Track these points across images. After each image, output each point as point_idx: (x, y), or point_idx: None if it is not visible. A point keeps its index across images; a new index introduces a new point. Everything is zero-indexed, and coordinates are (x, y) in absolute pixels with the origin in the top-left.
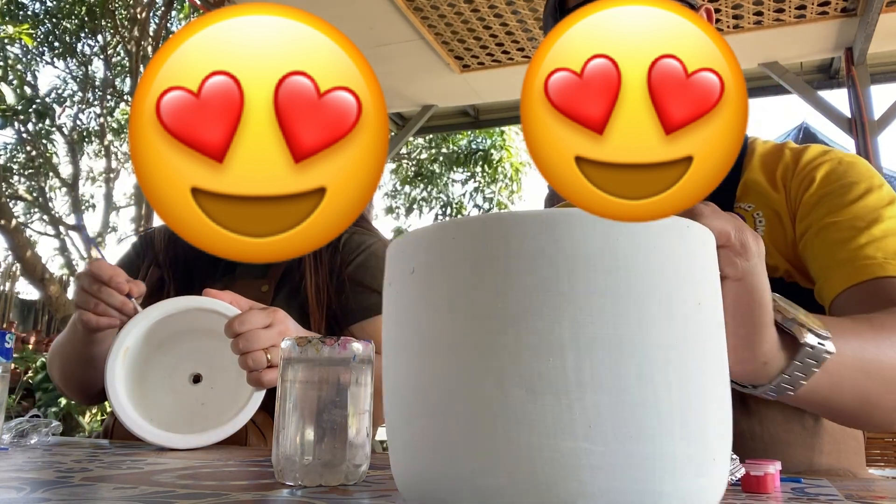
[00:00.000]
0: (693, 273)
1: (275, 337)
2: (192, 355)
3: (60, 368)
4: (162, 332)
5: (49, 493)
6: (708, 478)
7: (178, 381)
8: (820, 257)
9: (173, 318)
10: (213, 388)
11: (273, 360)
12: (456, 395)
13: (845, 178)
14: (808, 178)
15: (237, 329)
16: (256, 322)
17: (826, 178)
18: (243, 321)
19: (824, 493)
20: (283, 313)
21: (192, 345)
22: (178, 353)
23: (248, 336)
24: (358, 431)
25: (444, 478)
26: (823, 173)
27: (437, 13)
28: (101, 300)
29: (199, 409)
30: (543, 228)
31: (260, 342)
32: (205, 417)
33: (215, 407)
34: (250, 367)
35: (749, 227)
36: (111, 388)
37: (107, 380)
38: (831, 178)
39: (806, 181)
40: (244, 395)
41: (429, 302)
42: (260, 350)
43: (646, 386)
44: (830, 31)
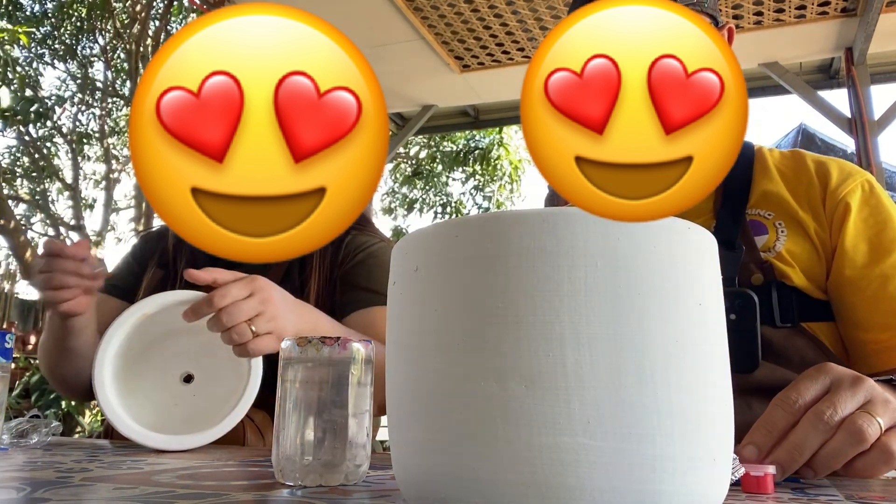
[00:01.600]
0: (694, 273)
1: (257, 306)
2: (184, 354)
3: (46, 364)
4: (151, 332)
5: (49, 493)
6: (709, 478)
7: (170, 382)
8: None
9: (160, 317)
10: (210, 385)
11: (258, 330)
12: (456, 393)
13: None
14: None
15: (218, 303)
16: (237, 293)
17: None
18: (224, 294)
19: (824, 493)
20: (265, 280)
21: (184, 343)
22: (167, 352)
23: (229, 310)
24: (358, 431)
25: (445, 476)
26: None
27: (437, 13)
28: (55, 271)
29: (191, 409)
30: (544, 227)
31: (242, 314)
32: (197, 418)
33: (207, 407)
34: (235, 340)
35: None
36: (100, 391)
37: (95, 382)
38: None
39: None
40: (236, 394)
41: (431, 300)
42: (243, 323)
43: (645, 385)
44: (830, 31)
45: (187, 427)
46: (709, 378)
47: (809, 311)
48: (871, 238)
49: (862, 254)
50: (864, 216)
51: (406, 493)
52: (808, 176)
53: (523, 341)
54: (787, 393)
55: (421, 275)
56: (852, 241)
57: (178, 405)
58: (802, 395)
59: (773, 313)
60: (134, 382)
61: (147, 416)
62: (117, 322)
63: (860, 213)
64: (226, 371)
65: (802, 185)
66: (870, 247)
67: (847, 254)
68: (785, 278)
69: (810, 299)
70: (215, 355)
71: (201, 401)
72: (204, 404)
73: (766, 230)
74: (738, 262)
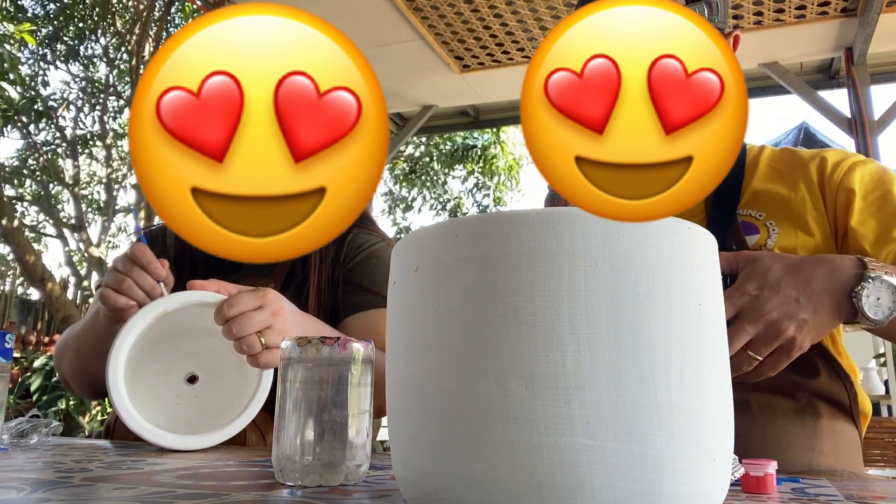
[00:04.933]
0: (693, 274)
1: (268, 318)
2: (190, 355)
3: (72, 360)
4: (161, 330)
5: (49, 493)
6: (709, 478)
7: (177, 382)
8: None
9: (175, 315)
10: (213, 388)
11: (268, 343)
12: (456, 392)
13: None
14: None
15: (227, 313)
16: (247, 304)
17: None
18: (233, 304)
19: (824, 493)
20: (275, 293)
21: (191, 344)
22: (176, 352)
23: (239, 320)
24: (358, 431)
25: (445, 475)
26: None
27: (437, 13)
28: (131, 278)
29: (200, 409)
30: (544, 227)
31: (252, 325)
32: (200, 419)
33: (216, 408)
34: (245, 351)
35: None
36: (113, 387)
37: (109, 378)
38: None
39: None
40: (246, 395)
41: (431, 299)
42: (253, 334)
43: (645, 385)
44: (830, 31)
45: (189, 428)
46: (709, 378)
47: None
48: (875, 213)
49: (872, 230)
50: (864, 194)
51: (406, 493)
52: (804, 168)
53: (523, 341)
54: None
55: (421, 275)
56: (861, 220)
57: (181, 405)
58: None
59: None
60: (139, 378)
61: (149, 414)
62: (138, 315)
63: (861, 192)
64: (232, 374)
65: (799, 176)
66: (878, 222)
67: (859, 235)
68: None
69: None
70: (222, 358)
71: (204, 402)
72: (207, 406)
73: (756, 230)
74: None
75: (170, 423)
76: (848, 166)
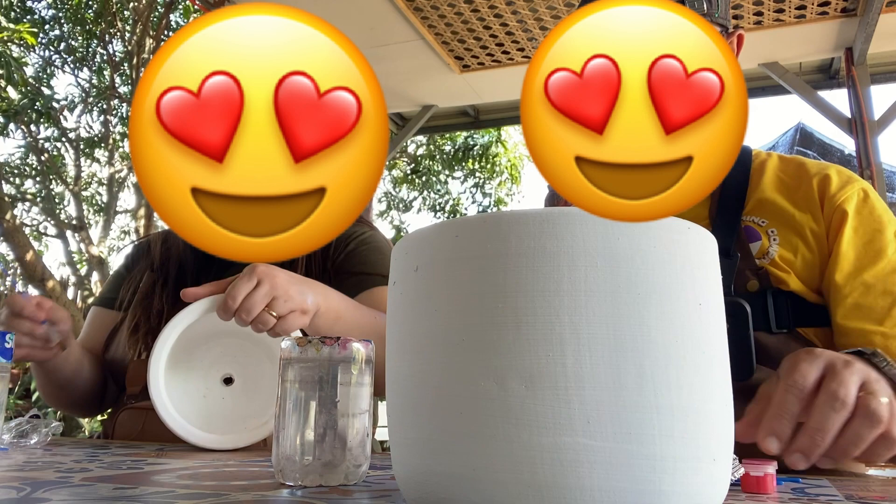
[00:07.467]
0: (693, 274)
1: (269, 291)
2: (222, 357)
3: (51, 401)
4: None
5: (49, 493)
6: (709, 478)
7: (211, 384)
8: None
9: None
10: (245, 388)
11: (279, 312)
12: (456, 392)
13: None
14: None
15: (232, 306)
16: (244, 289)
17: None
18: (232, 295)
19: (824, 493)
20: (265, 266)
21: (221, 346)
22: (209, 356)
23: (244, 307)
24: (358, 431)
25: (445, 475)
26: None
27: (437, 13)
28: (13, 329)
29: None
30: (544, 227)
31: (257, 305)
32: (237, 419)
33: (247, 408)
34: (261, 329)
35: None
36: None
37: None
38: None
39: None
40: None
41: (431, 299)
42: (262, 312)
43: (645, 385)
44: (830, 31)
45: (230, 427)
46: (709, 378)
47: (804, 316)
48: (859, 247)
49: (849, 262)
50: (856, 225)
51: (406, 493)
52: (808, 182)
53: (523, 341)
54: (793, 377)
55: (421, 275)
56: (845, 248)
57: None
58: (806, 377)
59: (769, 319)
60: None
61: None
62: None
63: (854, 220)
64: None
65: (802, 190)
66: (857, 256)
67: (838, 260)
68: (782, 284)
69: (805, 305)
70: (252, 354)
71: (241, 402)
72: (244, 405)
73: (758, 236)
74: (733, 269)
75: (206, 423)
76: (849, 189)
